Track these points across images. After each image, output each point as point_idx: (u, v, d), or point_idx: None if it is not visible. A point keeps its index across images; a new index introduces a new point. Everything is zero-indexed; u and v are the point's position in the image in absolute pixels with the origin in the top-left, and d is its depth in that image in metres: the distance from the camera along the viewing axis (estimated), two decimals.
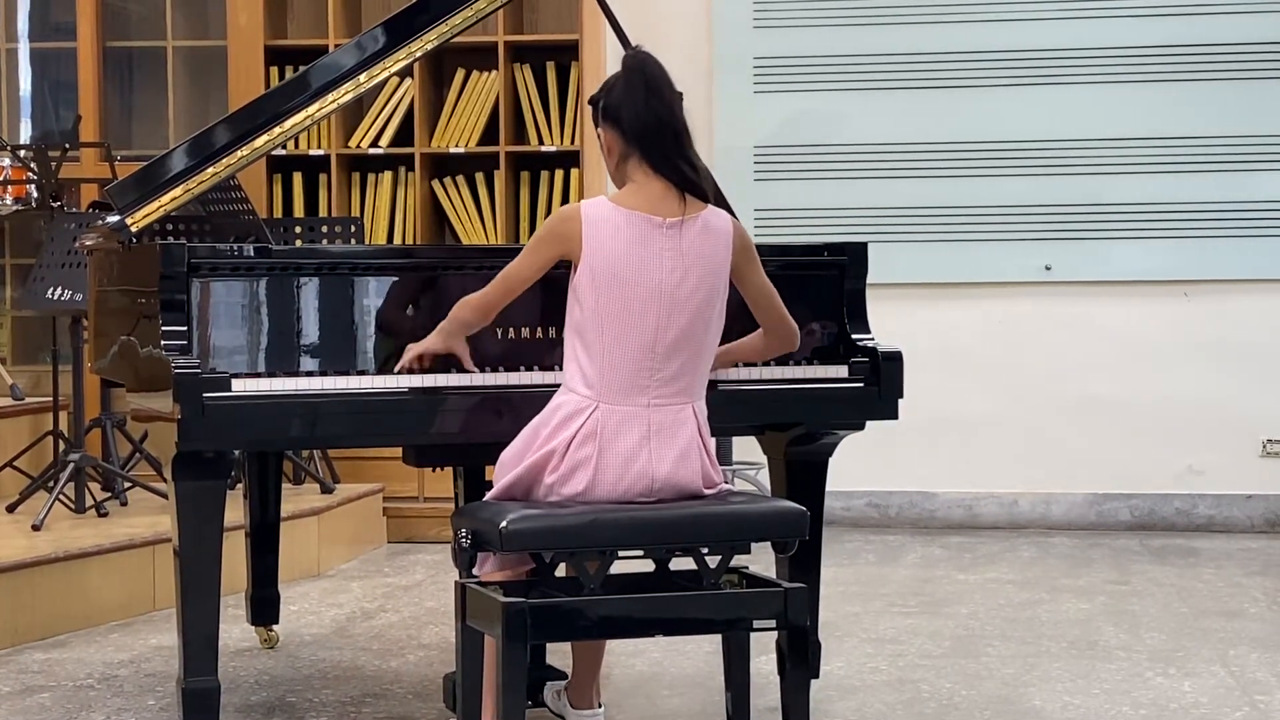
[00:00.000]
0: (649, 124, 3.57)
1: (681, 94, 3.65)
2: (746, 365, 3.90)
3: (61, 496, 5.77)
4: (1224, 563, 6.27)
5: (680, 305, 3.51)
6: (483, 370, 3.74)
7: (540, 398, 3.61)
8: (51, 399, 6.28)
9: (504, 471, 3.57)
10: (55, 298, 5.83)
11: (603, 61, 6.84)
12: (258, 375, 3.65)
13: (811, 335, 4.06)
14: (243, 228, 4.36)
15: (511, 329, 3.80)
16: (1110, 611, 5.39)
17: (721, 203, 4.18)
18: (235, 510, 4.28)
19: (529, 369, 3.77)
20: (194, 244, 3.80)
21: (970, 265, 7.03)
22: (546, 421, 3.53)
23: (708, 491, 3.57)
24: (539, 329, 3.80)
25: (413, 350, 3.68)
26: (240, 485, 4.85)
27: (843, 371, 4.02)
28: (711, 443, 3.62)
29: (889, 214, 7.02)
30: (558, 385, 3.59)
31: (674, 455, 3.51)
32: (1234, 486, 6.96)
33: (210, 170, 3.96)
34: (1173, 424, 6.95)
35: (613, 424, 3.48)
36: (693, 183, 3.57)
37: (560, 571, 3.57)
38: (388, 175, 7.08)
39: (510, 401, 3.71)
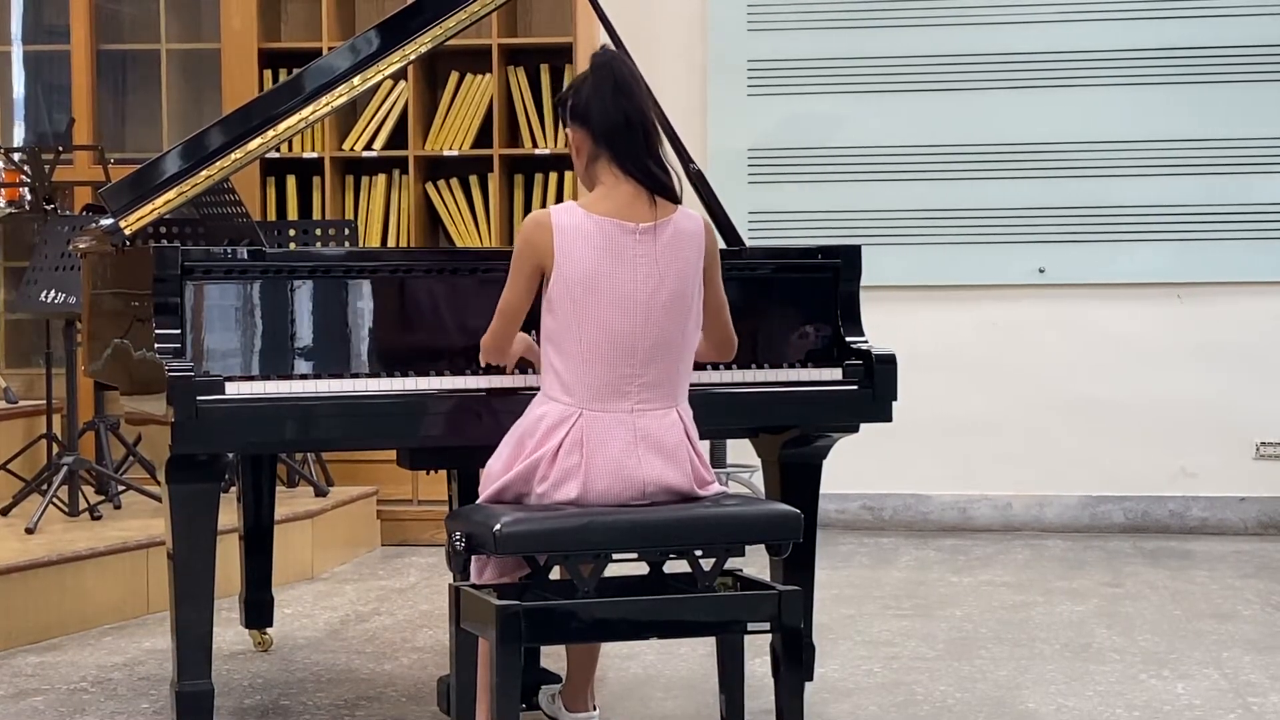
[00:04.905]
0: (618, 124, 3.50)
1: (652, 93, 3.60)
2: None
3: (55, 500, 5.76)
4: (1217, 565, 6.27)
5: (656, 312, 3.48)
6: (476, 373, 3.74)
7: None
8: (45, 402, 6.26)
9: (490, 482, 3.55)
10: (49, 300, 5.83)
11: None
12: (251, 378, 3.65)
13: (805, 338, 4.06)
14: (236, 230, 4.36)
15: None
16: (1104, 614, 5.39)
17: (716, 208, 4.19)
18: (229, 513, 4.28)
19: (524, 371, 3.76)
20: (188, 247, 3.80)
21: (964, 268, 7.03)
22: (531, 431, 3.51)
23: (700, 491, 3.56)
24: (535, 330, 3.79)
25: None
26: (234, 488, 4.85)
27: (837, 374, 4.02)
28: (704, 445, 3.61)
29: (883, 217, 7.02)
30: None
31: (663, 459, 3.50)
32: (1227, 489, 6.96)
33: (204, 173, 3.96)
34: (1166, 426, 6.95)
35: (598, 431, 3.46)
36: (663, 184, 3.51)
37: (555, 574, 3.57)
38: (381, 178, 7.07)
39: (505, 404, 3.71)
